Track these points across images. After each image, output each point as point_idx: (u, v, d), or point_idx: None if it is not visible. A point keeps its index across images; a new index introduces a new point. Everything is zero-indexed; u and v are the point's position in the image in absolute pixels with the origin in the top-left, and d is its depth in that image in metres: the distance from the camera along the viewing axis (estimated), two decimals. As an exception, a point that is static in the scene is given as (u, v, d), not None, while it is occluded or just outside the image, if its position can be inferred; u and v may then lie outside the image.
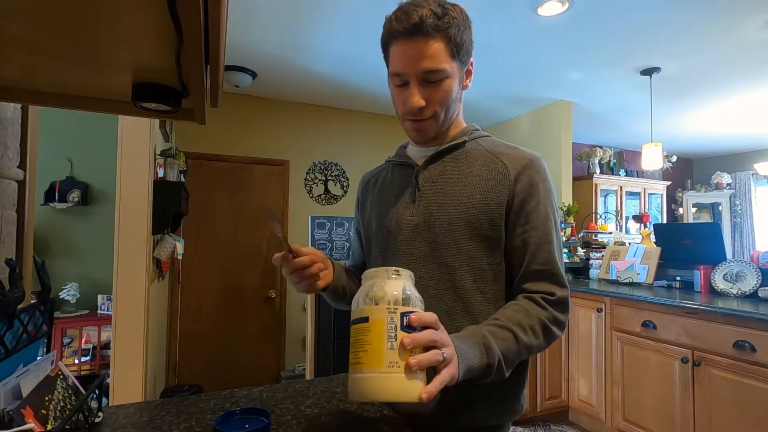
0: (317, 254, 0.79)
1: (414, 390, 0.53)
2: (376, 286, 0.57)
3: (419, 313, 0.56)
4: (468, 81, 0.82)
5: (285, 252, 0.74)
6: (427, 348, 0.55)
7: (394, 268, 0.60)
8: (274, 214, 0.77)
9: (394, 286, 0.57)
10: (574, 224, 3.46)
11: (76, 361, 2.83)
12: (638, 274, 2.75)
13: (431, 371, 0.56)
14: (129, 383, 1.84)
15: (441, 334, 0.57)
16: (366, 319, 0.55)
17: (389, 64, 0.78)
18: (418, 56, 0.72)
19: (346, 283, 0.90)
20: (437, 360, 0.54)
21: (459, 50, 0.74)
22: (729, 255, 5.14)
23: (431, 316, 0.57)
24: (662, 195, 5.62)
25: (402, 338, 0.53)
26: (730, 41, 2.65)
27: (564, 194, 3.81)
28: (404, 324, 0.54)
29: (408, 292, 0.57)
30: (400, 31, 0.72)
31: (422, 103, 0.74)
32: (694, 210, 6.14)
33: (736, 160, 6.07)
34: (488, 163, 0.80)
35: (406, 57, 0.73)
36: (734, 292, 2.27)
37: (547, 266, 0.75)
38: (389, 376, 0.52)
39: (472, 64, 0.81)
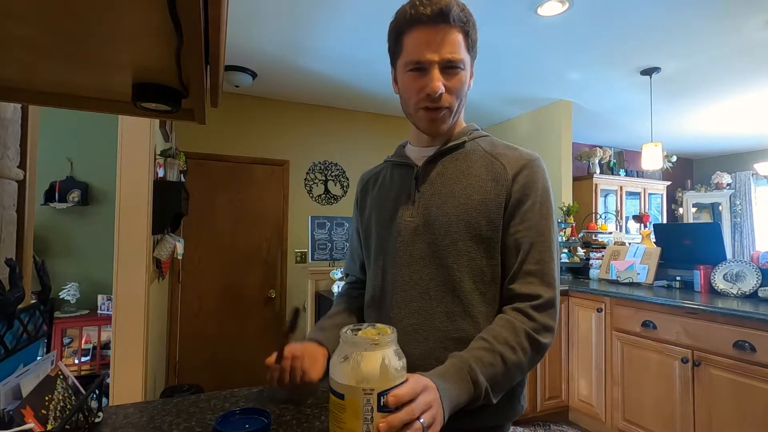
0: (300, 353, 0.81)
1: None
2: (353, 360, 0.55)
3: (395, 392, 0.54)
4: (471, 81, 0.82)
5: (275, 360, 0.79)
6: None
7: (372, 337, 0.57)
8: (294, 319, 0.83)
9: (372, 361, 0.55)
10: (574, 224, 3.46)
11: (76, 361, 2.83)
12: (638, 274, 2.75)
13: None
14: (129, 383, 1.84)
15: (421, 401, 0.56)
16: (342, 396, 0.54)
17: (403, 53, 0.76)
18: (441, 42, 0.72)
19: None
20: None
21: (473, 45, 0.77)
22: (729, 255, 5.14)
23: (408, 391, 0.55)
24: (662, 195, 5.62)
25: (377, 424, 0.53)
26: (730, 41, 2.65)
27: (564, 194, 3.81)
28: (381, 404, 0.53)
29: (387, 363, 0.55)
30: (426, 15, 0.71)
31: (443, 88, 0.74)
32: (694, 210, 6.14)
33: (736, 160, 6.07)
34: (487, 163, 0.80)
35: (430, 42, 0.72)
36: (734, 292, 2.27)
37: (537, 266, 0.74)
38: None
39: (474, 65, 0.82)
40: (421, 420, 0.55)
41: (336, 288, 2.77)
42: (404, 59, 0.76)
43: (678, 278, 2.59)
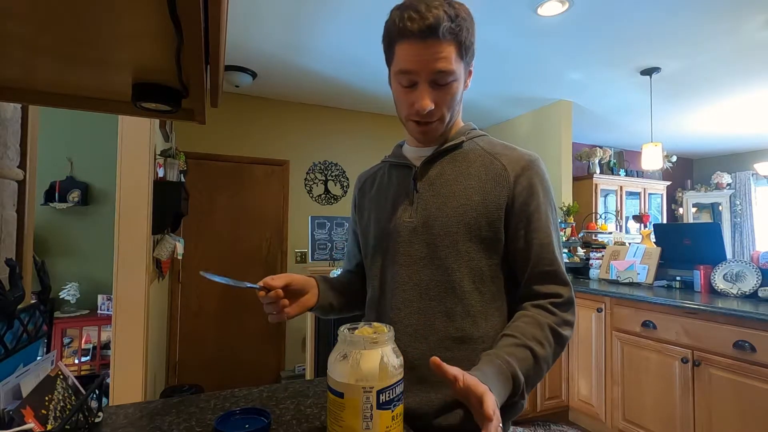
0: (294, 281, 0.80)
1: None
2: (352, 359, 0.55)
3: (490, 406, 0.53)
4: (468, 81, 0.81)
5: (261, 292, 0.75)
6: None
7: (370, 335, 0.57)
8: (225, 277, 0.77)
9: (371, 359, 0.55)
10: (574, 224, 3.46)
11: (76, 361, 2.83)
12: (638, 274, 2.74)
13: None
14: (129, 383, 1.84)
15: (496, 412, 0.54)
16: (341, 395, 0.55)
17: (394, 61, 0.75)
18: (431, 57, 0.70)
19: (333, 299, 0.91)
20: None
21: (467, 53, 0.74)
22: (729, 255, 5.14)
23: (493, 405, 0.53)
24: (662, 195, 5.62)
25: None
26: (730, 41, 2.65)
27: (564, 194, 3.81)
28: (380, 402, 0.54)
29: (386, 361, 0.56)
30: (413, 31, 0.69)
31: (432, 105, 0.74)
32: (694, 210, 6.14)
33: (736, 160, 6.07)
34: (486, 164, 0.80)
35: (419, 57, 0.70)
36: (734, 292, 2.27)
37: (551, 267, 0.76)
38: None
39: (472, 65, 0.81)
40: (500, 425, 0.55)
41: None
42: (395, 68, 0.75)
43: (678, 278, 2.59)
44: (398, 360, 0.58)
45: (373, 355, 0.56)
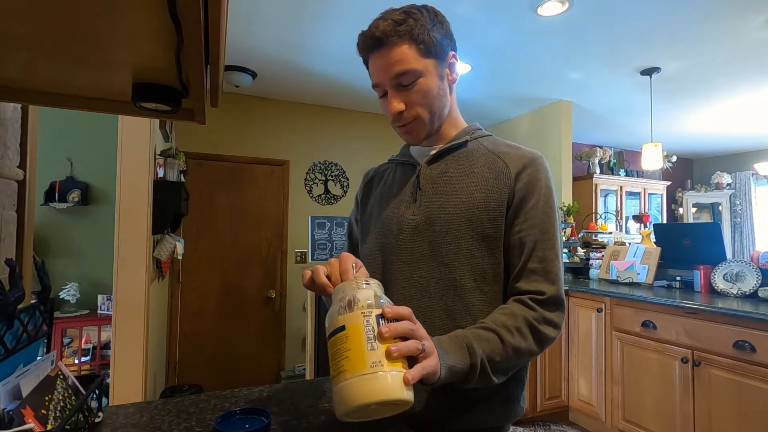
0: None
1: (400, 385, 0.52)
2: (348, 296, 0.57)
3: (393, 306, 0.57)
4: (454, 74, 0.82)
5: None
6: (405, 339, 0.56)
7: (363, 278, 0.60)
8: None
9: (365, 293, 0.57)
10: (574, 224, 3.46)
11: (76, 361, 2.83)
12: (638, 274, 2.74)
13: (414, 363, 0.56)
14: (129, 383, 1.84)
15: (418, 327, 0.58)
16: (342, 328, 0.55)
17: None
18: (386, 65, 0.75)
19: None
20: (417, 348, 0.55)
21: (429, 48, 0.76)
22: (729, 255, 5.14)
23: (406, 309, 0.58)
24: (662, 195, 5.62)
25: (380, 330, 0.53)
26: (730, 41, 2.65)
27: (564, 194, 3.81)
28: (380, 325, 0.55)
29: (381, 299, 0.58)
30: (366, 49, 0.77)
31: (401, 107, 0.77)
32: (694, 210, 6.14)
33: (736, 160, 6.07)
34: (490, 162, 0.80)
35: (377, 68, 0.77)
36: (734, 292, 2.27)
37: (540, 264, 0.74)
38: (374, 375, 0.51)
39: (455, 56, 0.81)
40: (423, 342, 0.56)
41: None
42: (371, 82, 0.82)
43: (678, 278, 2.59)
44: (391, 303, 0.59)
45: (367, 291, 0.58)
